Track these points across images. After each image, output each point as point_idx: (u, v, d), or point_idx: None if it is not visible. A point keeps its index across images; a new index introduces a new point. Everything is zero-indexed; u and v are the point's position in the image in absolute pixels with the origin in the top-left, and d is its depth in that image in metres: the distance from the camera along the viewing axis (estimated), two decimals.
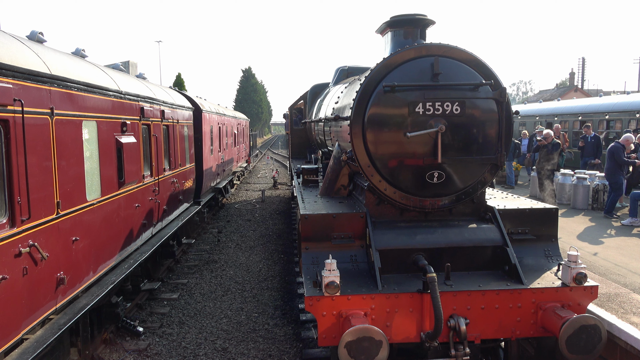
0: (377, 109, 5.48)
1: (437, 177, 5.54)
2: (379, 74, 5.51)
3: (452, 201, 5.68)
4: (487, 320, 4.90)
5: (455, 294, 4.87)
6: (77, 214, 6.11)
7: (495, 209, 5.66)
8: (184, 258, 12.23)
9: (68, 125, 5.96)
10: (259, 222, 16.53)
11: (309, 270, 5.24)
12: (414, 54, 5.51)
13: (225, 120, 19.85)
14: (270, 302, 9.18)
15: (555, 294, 4.92)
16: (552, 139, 12.83)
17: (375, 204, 5.79)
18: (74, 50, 7.52)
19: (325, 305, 4.74)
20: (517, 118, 24.80)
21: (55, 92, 5.68)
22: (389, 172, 5.58)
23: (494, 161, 5.59)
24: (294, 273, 10.87)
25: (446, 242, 5.41)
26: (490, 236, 5.47)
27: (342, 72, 11.10)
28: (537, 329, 4.92)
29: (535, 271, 5.26)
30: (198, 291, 9.83)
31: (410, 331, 4.85)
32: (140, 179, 8.57)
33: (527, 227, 5.61)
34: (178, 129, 11.50)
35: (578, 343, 4.54)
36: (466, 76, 5.49)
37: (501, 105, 5.52)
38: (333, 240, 5.45)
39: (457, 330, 4.74)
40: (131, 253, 8.23)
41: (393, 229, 5.59)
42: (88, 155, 6.53)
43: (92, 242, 6.55)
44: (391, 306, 4.82)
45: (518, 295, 4.90)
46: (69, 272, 5.89)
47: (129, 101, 8.19)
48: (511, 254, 5.22)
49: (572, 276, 4.92)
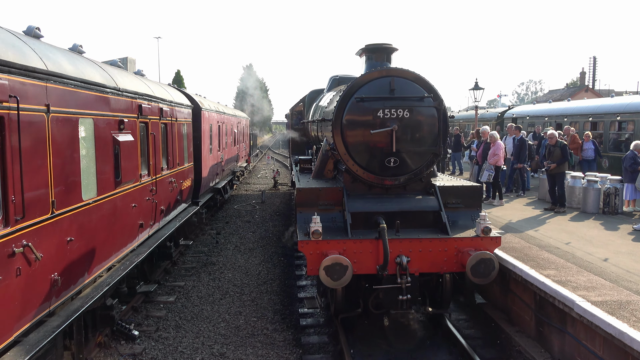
0: (351, 114, 7.96)
1: (394, 162, 7.99)
2: (353, 89, 7.99)
3: (405, 180, 8.09)
4: (423, 259, 7.30)
5: (401, 240, 7.28)
6: (72, 214, 6.14)
7: (436, 186, 8.12)
8: (182, 260, 12.26)
9: (64, 122, 5.98)
10: (258, 223, 16.55)
11: (302, 227, 7.53)
12: (377, 75, 8.01)
13: (225, 118, 19.89)
14: (269, 306, 9.19)
15: (471, 241, 7.35)
16: (557, 140, 12.80)
17: (351, 182, 8.21)
18: (71, 46, 7.55)
19: (312, 247, 7.10)
20: (512, 115, 24.80)
21: (51, 89, 5.71)
22: (360, 158, 8.01)
23: (435, 151, 8.04)
24: (294, 276, 10.88)
25: (399, 207, 7.86)
26: (430, 204, 7.97)
27: (334, 80, 13.79)
28: (458, 265, 7.31)
29: (462, 228, 7.69)
30: (195, 294, 9.84)
31: (370, 266, 7.21)
32: (137, 178, 8.59)
33: (459, 199, 8.03)
34: (177, 128, 11.52)
35: (478, 270, 7.03)
36: (413, 91, 7.94)
37: (439, 112, 7.97)
38: (319, 207, 7.78)
39: (401, 265, 7.12)
40: (127, 254, 8.25)
41: (362, 198, 8.02)
42: (84, 154, 6.56)
43: (87, 243, 6.58)
44: (357, 248, 7.19)
45: (445, 242, 7.34)
46: (64, 274, 5.91)
47: (127, 98, 8.21)
48: (443, 215, 7.69)
49: (481, 229, 7.35)
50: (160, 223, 10.28)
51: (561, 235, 9.97)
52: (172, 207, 11.19)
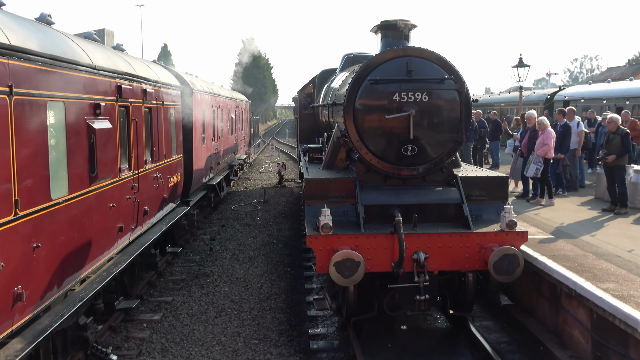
0: (364, 98, 8.41)
1: (411, 150, 8.41)
2: (366, 71, 8.41)
3: (424, 170, 8.53)
4: (443, 256, 7.68)
5: (419, 235, 7.66)
6: (39, 215, 6.14)
7: (458, 177, 8.54)
8: (169, 270, 12.29)
9: (30, 107, 5.98)
10: (260, 227, 16.55)
11: (310, 221, 7.99)
12: (392, 55, 8.43)
13: (220, 101, 19.90)
14: (273, 326, 9.17)
15: (494, 237, 7.76)
16: (619, 127, 12.60)
17: (364, 172, 8.65)
18: (38, 16, 7.55)
19: (321, 242, 7.51)
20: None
21: (14, 67, 5.70)
22: (374, 146, 8.46)
23: (456, 138, 8.48)
24: (303, 290, 10.86)
25: (417, 200, 8.29)
26: (451, 196, 8.43)
27: (348, 59, 14.34)
28: (481, 263, 7.67)
29: (486, 222, 8.14)
30: (185, 311, 9.86)
31: (385, 263, 7.60)
32: (116, 173, 8.60)
33: (483, 191, 8.49)
34: (163, 113, 11.53)
35: (501, 267, 7.42)
36: (433, 72, 8.35)
37: (461, 95, 8.39)
38: (329, 199, 8.23)
39: (419, 262, 7.46)
40: (104, 263, 8.27)
41: (377, 190, 8.49)
42: (54, 144, 6.56)
43: (57, 250, 6.58)
44: (370, 244, 7.58)
45: (466, 238, 7.72)
46: (29, 286, 5.92)
47: (104, 78, 8.21)
48: (465, 208, 8.11)
49: (506, 223, 7.73)
50: (144, 226, 10.29)
51: (622, 242, 9.85)
52: (157, 208, 11.22)
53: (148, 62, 12.84)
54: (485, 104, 37.72)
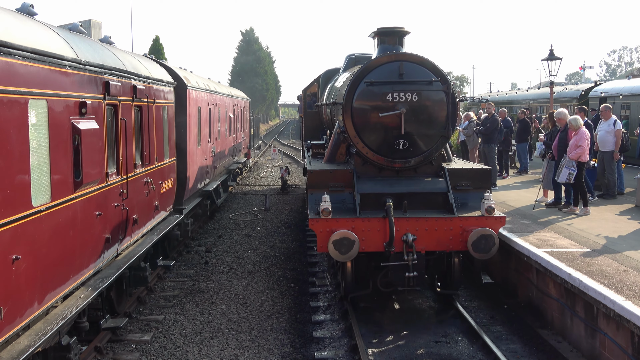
0: (361, 98, 10.53)
1: (403, 144, 10.46)
2: (363, 73, 10.54)
3: (416, 162, 10.59)
4: (429, 238, 9.66)
5: (408, 219, 9.65)
6: (18, 225, 6.19)
7: (446, 169, 10.59)
8: (160, 286, 12.34)
9: (9, 105, 6.04)
10: (261, 238, 16.60)
11: (312, 207, 9.97)
12: (386, 60, 10.60)
13: (217, 99, 19.97)
14: (275, 349, 9.20)
15: (475, 221, 9.73)
16: None
17: (361, 164, 10.73)
18: (19, 7, 7.63)
19: (322, 224, 9.50)
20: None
21: None
22: (369, 141, 10.54)
23: (444, 133, 10.57)
24: (307, 309, 10.89)
25: (407, 189, 10.31)
26: (438, 186, 10.47)
27: (351, 60, 16.12)
28: (463, 244, 9.60)
29: (470, 209, 10.07)
30: (178, 331, 9.90)
31: (378, 243, 9.59)
32: (103, 178, 8.66)
33: (469, 182, 10.47)
34: (154, 111, 11.60)
35: (479, 246, 9.39)
36: (422, 75, 10.47)
37: (448, 95, 10.50)
38: (330, 188, 10.14)
39: (407, 243, 9.43)
40: (89, 278, 8.31)
41: (372, 180, 10.56)
42: (35, 146, 6.61)
43: (37, 263, 6.63)
44: (365, 227, 9.55)
45: (450, 222, 9.73)
46: (7, 302, 5.96)
47: (91, 74, 8.28)
48: (450, 196, 10.12)
49: (485, 208, 9.70)
50: (133, 237, 10.35)
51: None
52: (148, 216, 11.26)
53: (138, 56, 12.93)
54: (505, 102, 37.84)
